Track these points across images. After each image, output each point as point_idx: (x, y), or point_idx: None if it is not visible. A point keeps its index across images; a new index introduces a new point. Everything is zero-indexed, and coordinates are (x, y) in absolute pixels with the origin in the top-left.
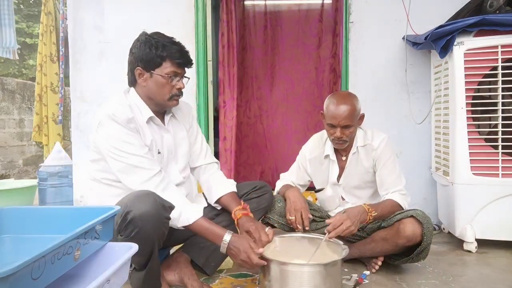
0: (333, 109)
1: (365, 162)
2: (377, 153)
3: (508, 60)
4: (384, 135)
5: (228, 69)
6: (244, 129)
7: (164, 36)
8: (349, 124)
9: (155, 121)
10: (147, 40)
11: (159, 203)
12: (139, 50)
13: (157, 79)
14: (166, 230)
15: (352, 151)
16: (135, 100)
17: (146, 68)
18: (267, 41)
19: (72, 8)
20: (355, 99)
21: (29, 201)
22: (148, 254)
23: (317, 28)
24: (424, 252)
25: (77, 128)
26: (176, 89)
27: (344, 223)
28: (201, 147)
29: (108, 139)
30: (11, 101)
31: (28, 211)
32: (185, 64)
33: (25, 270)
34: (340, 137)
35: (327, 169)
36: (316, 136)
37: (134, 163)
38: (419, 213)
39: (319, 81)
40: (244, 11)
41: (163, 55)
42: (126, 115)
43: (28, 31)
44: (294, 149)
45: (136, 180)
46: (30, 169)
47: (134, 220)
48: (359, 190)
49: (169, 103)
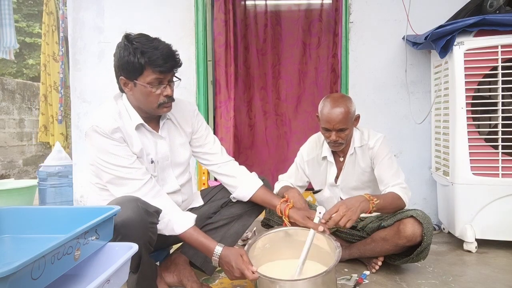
0: (326, 113)
1: (362, 163)
2: (373, 151)
3: (508, 60)
4: (380, 134)
5: (226, 69)
6: (243, 130)
7: (146, 39)
8: (344, 127)
9: (146, 128)
10: (126, 47)
11: (141, 208)
12: (119, 57)
13: (141, 89)
14: (153, 235)
15: (350, 152)
16: (126, 106)
17: (128, 77)
18: (268, 41)
19: (72, 8)
20: (348, 102)
21: (29, 201)
22: (137, 259)
23: (317, 28)
24: (424, 252)
25: (77, 128)
26: (164, 96)
27: (339, 209)
28: (215, 147)
29: (94, 151)
30: (11, 101)
31: (28, 211)
32: (170, 70)
33: (25, 270)
34: (336, 140)
35: (325, 170)
36: (313, 137)
37: (122, 175)
38: (419, 213)
39: (319, 81)
40: (245, 10)
41: (142, 62)
42: (111, 125)
43: (28, 30)
44: (294, 150)
45: (125, 191)
46: (30, 169)
47: (116, 227)
48: (357, 191)
49: (159, 111)
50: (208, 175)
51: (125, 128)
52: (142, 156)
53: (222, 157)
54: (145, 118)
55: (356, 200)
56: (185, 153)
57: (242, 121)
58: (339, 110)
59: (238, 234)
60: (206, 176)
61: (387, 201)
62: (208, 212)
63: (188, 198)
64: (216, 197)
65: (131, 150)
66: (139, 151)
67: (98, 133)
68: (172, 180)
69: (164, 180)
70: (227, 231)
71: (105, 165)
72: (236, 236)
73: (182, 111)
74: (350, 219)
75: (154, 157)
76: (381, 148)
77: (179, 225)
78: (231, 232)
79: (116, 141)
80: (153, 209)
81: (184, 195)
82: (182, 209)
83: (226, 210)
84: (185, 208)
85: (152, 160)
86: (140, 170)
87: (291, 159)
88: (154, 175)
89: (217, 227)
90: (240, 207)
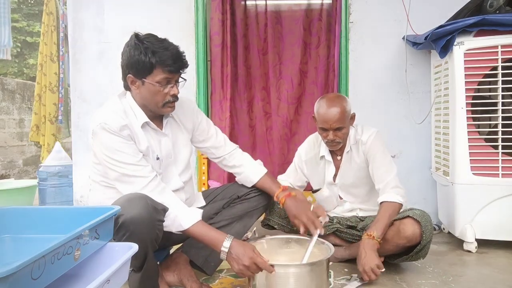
0: (323, 113)
1: (357, 158)
2: (366, 147)
3: (508, 60)
4: (374, 129)
5: (222, 69)
6: (242, 131)
7: (156, 39)
8: (341, 126)
9: (151, 126)
10: (137, 46)
11: (150, 205)
12: (129, 56)
13: (149, 87)
14: (159, 232)
15: (346, 150)
16: (131, 104)
17: (137, 75)
18: (267, 40)
19: (72, 8)
20: (344, 101)
21: (29, 201)
22: (142, 257)
23: (317, 27)
24: (423, 251)
25: (77, 128)
26: (170, 95)
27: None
28: (218, 139)
29: (102, 148)
30: (11, 101)
31: (28, 211)
32: (178, 70)
33: (25, 270)
34: (333, 139)
35: (323, 170)
36: (311, 137)
37: (129, 173)
38: (416, 212)
39: (319, 81)
40: (245, 10)
41: (153, 62)
42: (119, 122)
43: (28, 30)
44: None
45: (131, 189)
46: (30, 169)
47: (125, 224)
48: (355, 188)
49: (163, 110)
50: (208, 175)
51: (132, 125)
52: (148, 154)
53: (226, 148)
54: (149, 117)
55: (363, 252)
56: (187, 151)
57: (241, 121)
58: (335, 110)
59: (239, 235)
60: (206, 176)
61: (385, 221)
62: (209, 213)
63: (190, 196)
64: (217, 198)
65: (138, 147)
66: (145, 149)
67: (106, 131)
68: (175, 178)
69: (168, 177)
70: (229, 231)
71: (112, 163)
72: (237, 236)
73: (182, 108)
74: (374, 269)
75: (159, 154)
76: (374, 143)
77: (187, 219)
78: (232, 233)
79: (124, 138)
80: (161, 207)
81: (187, 193)
82: None
83: (227, 211)
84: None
85: (158, 156)
86: (146, 167)
87: (291, 161)
88: (159, 172)
89: (219, 227)
90: (242, 208)
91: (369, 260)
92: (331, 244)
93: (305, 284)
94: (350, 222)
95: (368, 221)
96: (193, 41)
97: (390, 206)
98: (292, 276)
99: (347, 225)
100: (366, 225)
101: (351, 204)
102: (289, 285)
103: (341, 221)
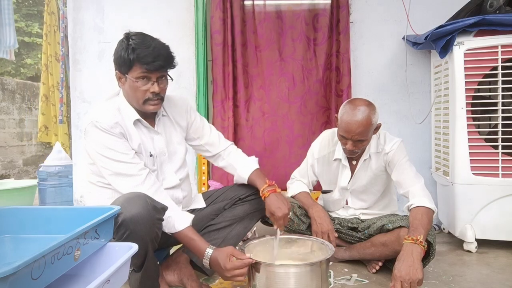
0: (347, 121)
1: (373, 166)
2: (388, 156)
3: (508, 60)
4: (397, 138)
5: (223, 68)
6: (241, 132)
7: (142, 37)
8: (363, 139)
9: (143, 124)
10: (122, 42)
11: (150, 204)
12: (116, 52)
13: (130, 83)
14: (159, 231)
15: (364, 157)
16: (124, 102)
17: (121, 71)
18: (267, 38)
19: (72, 8)
20: (372, 111)
21: (29, 201)
22: (143, 256)
23: (317, 26)
24: (427, 260)
25: (77, 128)
26: (150, 93)
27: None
28: (212, 135)
29: (94, 146)
30: (11, 101)
31: (28, 211)
32: (157, 68)
33: (25, 270)
34: (352, 150)
35: (337, 172)
36: (327, 133)
37: (121, 171)
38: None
39: (323, 79)
40: (244, 8)
41: (131, 58)
42: (110, 120)
43: (26, 30)
44: (296, 154)
45: (125, 186)
46: (30, 169)
47: (125, 222)
48: (365, 195)
49: (144, 107)
50: (208, 175)
51: (124, 123)
52: (141, 151)
53: (220, 145)
54: (141, 114)
55: (409, 258)
56: (182, 148)
57: (239, 122)
58: (360, 122)
59: (239, 236)
60: (206, 176)
61: (428, 227)
62: (210, 214)
63: (188, 194)
64: (218, 199)
65: (130, 145)
66: (137, 146)
67: (97, 128)
68: (171, 175)
69: (164, 174)
70: (229, 232)
71: (105, 161)
72: (238, 238)
73: (176, 106)
74: (413, 283)
75: (152, 151)
76: (397, 152)
77: (179, 222)
78: (233, 234)
79: (116, 136)
80: (160, 206)
81: (184, 191)
82: (183, 206)
83: (228, 212)
84: (186, 206)
85: (151, 153)
86: (139, 165)
87: (293, 164)
88: (153, 169)
89: (219, 228)
90: (243, 210)
91: (416, 272)
92: (331, 244)
93: (305, 284)
94: (351, 223)
95: (370, 222)
96: (193, 40)
97: (427, 212)
98: (292, 276)
99: (348, 226)
100: (367, 227)
101: (355, 210)
102: (289, 285)
103: (342, 222)
